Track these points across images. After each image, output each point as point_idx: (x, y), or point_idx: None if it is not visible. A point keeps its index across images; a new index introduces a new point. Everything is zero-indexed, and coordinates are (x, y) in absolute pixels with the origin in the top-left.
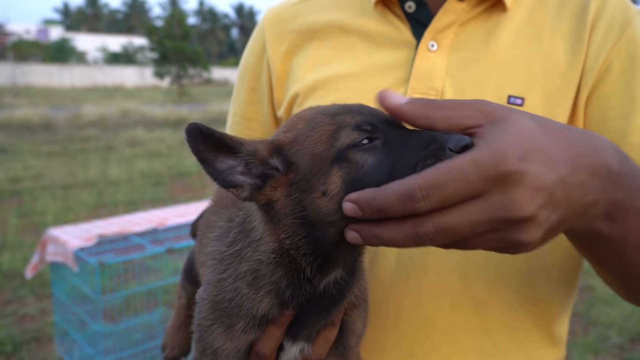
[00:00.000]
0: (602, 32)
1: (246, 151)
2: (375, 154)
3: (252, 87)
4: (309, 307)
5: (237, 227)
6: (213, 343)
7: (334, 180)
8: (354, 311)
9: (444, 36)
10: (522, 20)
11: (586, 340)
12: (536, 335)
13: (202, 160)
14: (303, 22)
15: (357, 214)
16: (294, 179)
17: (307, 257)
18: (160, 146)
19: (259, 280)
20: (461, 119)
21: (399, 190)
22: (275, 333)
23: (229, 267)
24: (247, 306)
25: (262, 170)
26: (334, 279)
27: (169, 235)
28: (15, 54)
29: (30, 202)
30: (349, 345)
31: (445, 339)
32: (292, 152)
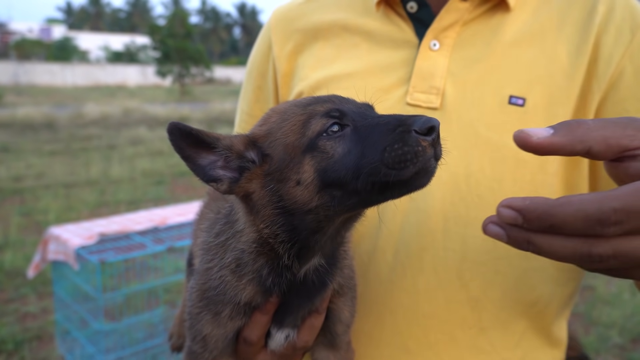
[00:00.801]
0: (612, 36)
1: (222, 146)
2: (344, 141)
3: (259, 86)
4: (292, 294)
5: (223, 218)
6: (202, 330)
7: (307, 169)
8: (339, 299)
9: (446, 35)
10: (526, 21)
11: (587, 340)
12: (533, 336)
13: (184, 157)
14: (308, 21)
15: (517, 222)
16: (269, 170)
17: (284, 245)
18: (162, 145)
19: (242, 269)
20: (619, 138)
21: (590, 211)
22: (261, 320)
23: (215, 257)
24: (231, 293)
25: (239, 164)
26: (313, 266)
27: (170, 234)
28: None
29: (32, 201)
30: (336, 333)
31: (440, 336)
32: (266, 145)
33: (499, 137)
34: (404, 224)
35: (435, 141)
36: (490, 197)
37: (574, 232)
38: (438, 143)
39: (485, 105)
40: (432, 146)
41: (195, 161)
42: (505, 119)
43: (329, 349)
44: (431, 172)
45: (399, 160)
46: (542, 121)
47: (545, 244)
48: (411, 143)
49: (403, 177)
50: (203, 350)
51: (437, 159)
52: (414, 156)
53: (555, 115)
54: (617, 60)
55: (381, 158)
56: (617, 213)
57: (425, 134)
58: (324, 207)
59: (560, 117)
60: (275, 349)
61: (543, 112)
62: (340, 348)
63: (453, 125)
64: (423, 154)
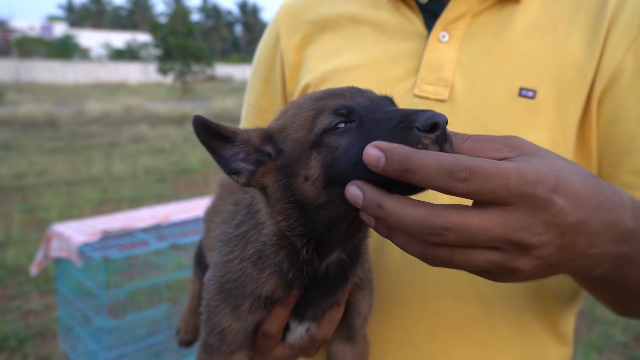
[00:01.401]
0: (620, 31)
1: (240, 140)
2: (348, 136)
3: (266, 79)
4: (313, 287)
5: (243, 209)
6: (220, 323)
7: (314, 165)
8: (359, 292)
9: (456, 27)
10: (536, 12)
11: (590, 338)
12: (541, 331)
13: (209, 149)
14: (316, 13)
15: (378, 164)
16: (281, 165)
17: (301, 239)
18: (164, 143)
19: (263, 261)
20: (488, 151)
21: (445, 161)
22: (281, 313)
23: (235, 249)
24: (252, 287)
25: (257, 157)
26: (335, 260)
27: (173, 231)
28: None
29: (34, 198)
30: (354, 326)
31: (449, 332)
32: (280, 139)
33: (508, 129)
34: None
35: (439, 138)
36: None
37: (427, 183)
38: (445, 140)
39: (495, 98)
40: (437, 144)
41: (219, 153)
42: (515, 111)
43: (346, 342)
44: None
45: None
46: (553, 114)
47: (392, 208)
48: (411, 140)
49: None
50: (220, 344)
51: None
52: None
53: (566, 108)
54: (622, 55)
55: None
56: (468, 170)
57: (428, 131)
58: (332, 203)
59: (570, 111)
60: (294, 342)
61: (553, 105)
62: (357, 341)
63: (462, 118)
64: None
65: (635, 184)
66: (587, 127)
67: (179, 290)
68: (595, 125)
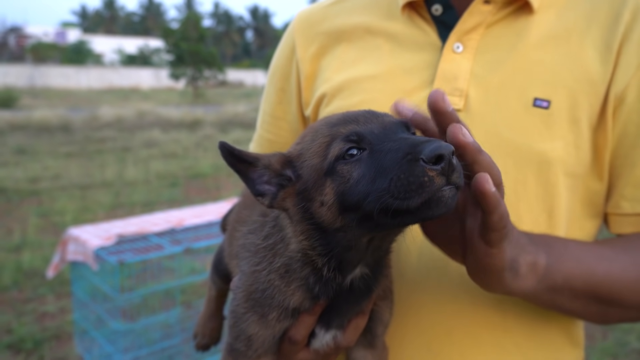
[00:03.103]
0: (633, 47)
1: (261, 165)
2: (360, 166)
3: (282, 88)
4: (339, 298)
5: (271, 221)
6: (247, 330)
7: (328, 192)
8: (382, 302)
9: (470, 38)
10: (550, 23)
11: (605, 345)
12: (556, 335)
13: (236, 171)
14: (332, 24)
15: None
16: (299, 189)
17: (322, 258)
18: (176, 147)
19: (290, 275)
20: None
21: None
22: (308, 320)
23: (263, 260)
24: (280, 298)
25: (278, 181)
26: (359, 275)
27: (186, 235)
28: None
29: (49, 202)
30: (376, 333)
31: (465, 337)
32: (298, 164)
33: (522, 139)
34: None
35: (445, 170)
36: (514, 200)
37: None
38: (452, 171)
39: (509, 108)
40: (443, 175)
41: (246, 174)
42: (530, 122)
43: (367, 348)
44: (445, 202)
45: (404, 190)
46: (566, 124)
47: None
48: (417, 173)
49: (410, 206)
50: (247, 349)
51: (456, 186)
52: (419, 187)
53: (578, 119)
54: (634, 70)
55: (388, 187)
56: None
57: (434, 163)
58: (349, 227)
59: (583, 122)
60: (319, 348)
61: (567, 115)
62: (378, 347)
63: (476, 128)
64: (430, 185)
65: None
66: (602, 139)
67: (192, 294)
68: (610, 138)
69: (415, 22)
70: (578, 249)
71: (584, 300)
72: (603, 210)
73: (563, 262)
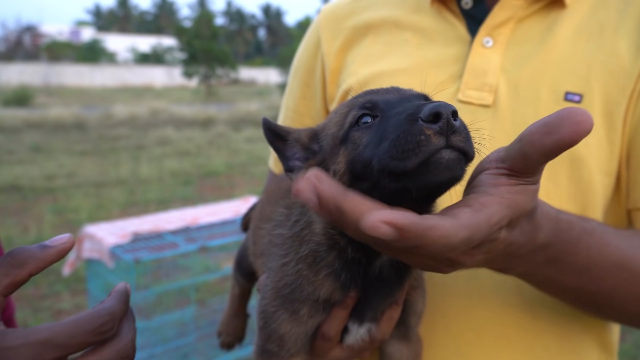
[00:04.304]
0: None
1: (292, 138)
2: (369, 132)
3: (306, 83)
4: (371, 289)
5: (297, 209)
6: (279, 329)
7: (341, 160)
8: (415, 291)
9: (500, 32)
10: (582, 17)
11: (624, 347)
12: (587, 340)
13: (275, 148)
14: (358, 19)
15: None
16: (319, 161)
17: (344, 237)
18: (189, 145)
19: (318, 262)
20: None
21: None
22: (340, 315)
23: (291, 250)
24: (309, 290)
25: (306, 155)
26: (387, 261)
27: (201, 233)
28: (48, 55)
29: (64, 200)
30: (410, 325)
31: (495, 340)
32: (322, 136)
33: None
34: None
35: (443, 129)
36: (545, 198)
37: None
38: (452, 131)
39: (540, 103)
40: (441, 134)
41: (283, 152)
42: None
43: (401, 341)
44: (445, 165)
45: (402, 150)
46: (600, 119)
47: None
48: (414, 132)
49: (406, 167)
50: (279, 349)
51: (458, 149)
52: (415, 146)
53: (612, 113)
54: None
55: (388, 148)
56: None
57: (432, 122)
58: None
59: (617, 116)
60: (354, 344)
61: (600, 109)
62: (412, 339)
63: (506, 123)
64: (426, 144)
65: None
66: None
67: (206, 293)
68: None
69: (444, 16)
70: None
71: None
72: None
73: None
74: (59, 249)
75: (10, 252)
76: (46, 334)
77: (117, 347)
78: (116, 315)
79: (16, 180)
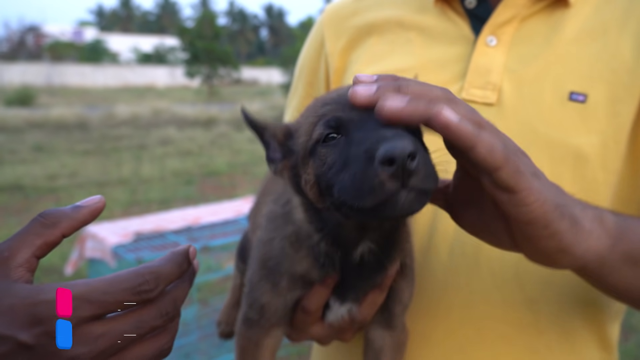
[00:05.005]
0: None
1: (268, 135)
2: (335, 152)
3: (310, 82)
4: (352, 272)
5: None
6: (261, 299)
7: (310, 171)
8: (402, 279)
9: (504, 31)
10: (587, 16)
11: (626, 347)
12: (589, 339)
13: (259, 139)
14: (362, 18)
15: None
16: (292, 164)
17: (318, 234)
18: (191, 145)
19: (300, 243)
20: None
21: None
22: (321, 291)
23: (278, 228)
24: (288, 264)
25: (282, 151)
26: (367, 250)
27: (203, 233)
28: (51, 55)
29: (66, 199)
30: (394, 312)
31: (496, 337)
32: (294, 139)
33: (557, 134)
34: None
35: (397, 174)
36: None
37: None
38: (410, 175)
39: (544, 102)
40: (397, 178)
41: (264, 140)
42: (565, 115)
43: (385, 328)
44: (400, 205)
45: (359, 189)
46: (605, 117)
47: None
48: (369, 174)
49: (363, 206)
50: (260, 318)
51: (414, 189)
52: (370, 189)
53: (618, 112)
54: None
55: (346, 183)
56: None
57: (388, 164)
58: (330, 210)
59: (623, 115)
60: (334, 321)
61: (605, 108)
62: (396, 328)
63: (510, 122)
64: (381, 189)
65: None
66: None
67: (208, 292)
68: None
69: (448, 15)
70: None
71: None
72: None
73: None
74: (92, 209)
75: (42, 213)
76: (82, 288)
77: (158, 309)
78: (161, 276)
79: (19, 179)
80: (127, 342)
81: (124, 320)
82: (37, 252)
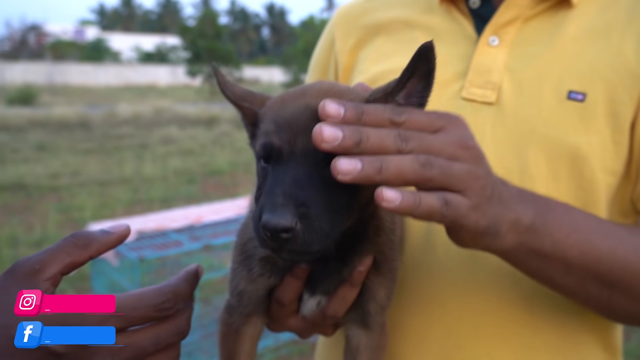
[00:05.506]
0: None
1: (242, 112)
2: (263, 175)
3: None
4: (318, 263)
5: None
6: (239, 285)
7: (258, 168)
8: (376, 277)
9: (506, 31)
10: (590, 17)
11: (628, 346)
12: (589, 339)
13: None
14: (371, 18)
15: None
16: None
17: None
18: (193, 144)
19: None
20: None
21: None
22: (292, 283)
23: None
24: (255, 245)
25: (250, 132)
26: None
27: (205, 232)
28: (53, 54)
29: (68, 198)
30: (368, 311)
31: (492, 334)
32: (259, 128)
33: (556, 133)
34: None
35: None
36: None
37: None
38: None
39: (543, 101)
40: (274, 241)
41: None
42: (563, 115)
43: (361, 327)
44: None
45: (256, 229)
46: (603, 117)
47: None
48: (259, 230)
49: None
50: (238, 305)
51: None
52: (260, 238)
53: (617, 113)
54: None
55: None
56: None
57: (266, 230)
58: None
59: (622, 115)
60: (307, 314)
61: (604, 109)
62: (373, 329)
63: (508, 121)
64: (264, 243)
65: None
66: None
67: (210, 291)
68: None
69: (453, 15)
70: (583, 218)
71: (579, 276)
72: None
73: (556, 227)
74: (119, 236)
75: (74, 234)
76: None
77: (174, 325)
78: (179, 295)
79: (21, 178)
80: (145, 355)
81: (144, 335)
82: (64, 270)
